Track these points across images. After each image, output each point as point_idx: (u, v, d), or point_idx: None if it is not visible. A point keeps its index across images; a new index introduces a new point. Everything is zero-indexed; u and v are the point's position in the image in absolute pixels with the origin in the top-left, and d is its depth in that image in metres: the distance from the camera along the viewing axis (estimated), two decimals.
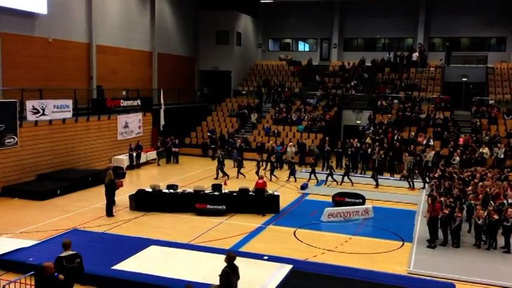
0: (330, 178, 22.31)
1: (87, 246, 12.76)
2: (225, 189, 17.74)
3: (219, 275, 8.79)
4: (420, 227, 15.21)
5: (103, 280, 10.76)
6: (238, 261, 11.81)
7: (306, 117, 31.04)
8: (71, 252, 9.01)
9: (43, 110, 20.24)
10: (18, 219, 15.60)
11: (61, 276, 8.39)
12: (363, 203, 17.72)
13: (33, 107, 19.82)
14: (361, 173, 24.98)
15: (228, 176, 22.42)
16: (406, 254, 13.17)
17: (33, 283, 8.93)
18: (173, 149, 26.33)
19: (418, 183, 22.32)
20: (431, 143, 25.82)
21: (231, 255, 8.98)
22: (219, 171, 22.69)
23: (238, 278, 9.00)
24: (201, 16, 36.83)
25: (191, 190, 17.63)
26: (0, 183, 18.59)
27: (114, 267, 11.30)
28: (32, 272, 9.27)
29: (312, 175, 22.50)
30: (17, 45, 21.56)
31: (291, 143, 26.65)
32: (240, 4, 37.37)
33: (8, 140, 18.71)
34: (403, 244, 14.05)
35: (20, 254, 11.87)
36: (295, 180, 22.56)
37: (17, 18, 21.32)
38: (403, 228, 15.44)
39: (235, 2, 36.79)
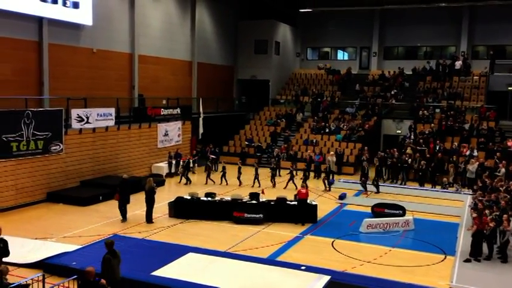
0: (291, 182, 22.71)
1: (127, 252, 12.98)
2: (263, 198, 17.74)
3: (101, 261, 9.55)
4: (464, 240, 14.73)
5: (142, 286, 10.93)
6: (276, 271, 11.82)
7: (345, 126, 30.74)
8: None
9: (87, 118, 20.89)
10: (62, 224, 16.09)
11: (103, 281, 8.59)
12: (403, 215, 17.35)
13: (77, 115, 20.48)
14: (401, 184, 24.47)
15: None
16: (449, 268, 12.77)
17: (76, 287, 9.16)
18: (211, 157, 26.52)
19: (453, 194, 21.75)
20: (475, 153, 25.04)
21: (108, 241, 9.82)
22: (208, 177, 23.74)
23: (119, 261, 9.68)
24: (240, 26, 37.19)
25: (229, 198, 17.75)
26: (45, 189, 19.24)
27: (153, 274, 11.46)
28: (75, 276, 9.50)
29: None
30: (64, 56, 22.36)
31: (332, 153, 26.39)
32: (279, 13, 37.57)
33: (54, 147, 19.38)
34: (446, 257, 13.64)
35: (64, 258, 12.23)
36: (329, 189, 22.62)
37: (64, 30, 22.13)
38: (445, 241, 14.99)
39: (274, 11, 37.01)
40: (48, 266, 11.67)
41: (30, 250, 12.94)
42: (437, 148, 26.26)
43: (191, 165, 25.02)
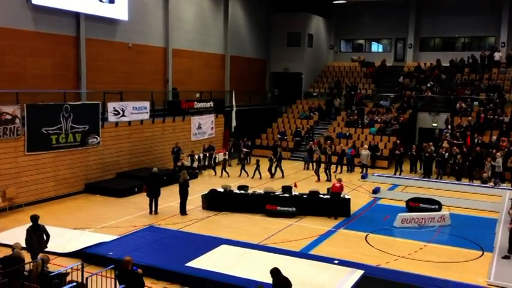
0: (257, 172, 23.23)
1: (162, 242, 13.28)
2: (296, 191, 17.73)
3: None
4: (502, 236, 14.32)
5: (177, 276, 11.12)
6: (308, 265, 11.81)
7: (379, 119, 30.30)
8: None
9: (123, 111, 21.31)
10: (99, 215, 16.52)
11: (139, 270, 8.80)
12: (439, 209, 17.01)
13: (114, 108, 20.92)
14: (436, 178, 23.98)
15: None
16: (486, 265, 12.48)
17: (113, 276, 9.41)
18: (244, 150, 26.63)
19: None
20: None
21: (31, 215, 10.94)
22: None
23: (41, 234, 10.79)
24: (273, 19, 37.05)
25: (262, 191, 17.82)
26: (83, 180, 19.79)
27: (187, 264, 11.64)
28: (112, 266, 9.76)
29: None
30: (100, 50, 22.82)
31: (365, 146, 26.11)
32: (312, 6, 37.21)
33: (92, 140, 19.87)
34: (483, 254, 13.33)
35: (101, 248, 12.56)
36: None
37: (100, 25, 22.59)
38: (482, 237, 14.65)
39: (307, 3, 36.69)
40: (87, 256, 12.01)
41: (69, 240, 13.35)
42: (475, 142, 25.58)
43: (225, 157, 25.27)
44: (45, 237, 11.00)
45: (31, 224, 10.89)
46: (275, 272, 8.68)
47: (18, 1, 19.00)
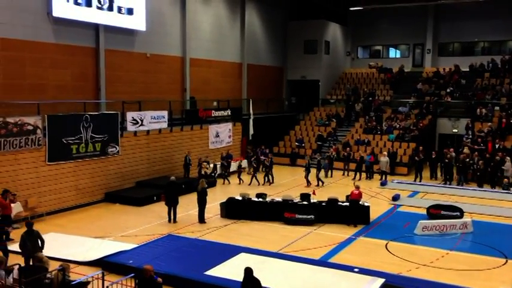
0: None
1: (181, 251, 13.31)
2: (314, 199, 17.62)
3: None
4: None
5: (196, 285, 11.12)
6: (328, 273, 11.70)
7: (398, 126, 30.02)
8: None
9: (141, 120, 21.52)
10: (119, 224, 16.64)
11: (159, 279, 8.81)
12: (461, 216, 16.73)
13: (132, 118, 21.14)
14: (458, 185, 23.61)
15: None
16: (510, 272, 12.23)
17: (133, 285, 9.44)
18: (262, 158, 26.60)
19: None
20: None
21: (26, 221, 11.62)
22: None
23: (36, 239, 11.20)
24: (290, 26, 37.11)
25: (280, 199, 17.75)
26: (103, 189, 19.99)
27: (206, 273, 11.64)
28: (132, 274, 9.80)
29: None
30: (119, 61, 23.09)
31: (384, 153, 25.86)
32: (329, 13, 37.21)
33: (111, 149, 20.10)
34: (507, 261, 13.05)
35: (121, 257, 12.65)
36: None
37: (119, 36, 22.89)
38: (506, 244, 14.36)
39: (323, 10, 36.70)
40: (107, 264, 12.09)
41: (89, 248, 13.46)
42: (496, 147, 25.14)
43: (243, 166, 25.25)
44: (40, 242, 11.37)
45: (26, 229, 11.44)
46: (249, 272, 9.01)
47: (39, 14, 19.38)
